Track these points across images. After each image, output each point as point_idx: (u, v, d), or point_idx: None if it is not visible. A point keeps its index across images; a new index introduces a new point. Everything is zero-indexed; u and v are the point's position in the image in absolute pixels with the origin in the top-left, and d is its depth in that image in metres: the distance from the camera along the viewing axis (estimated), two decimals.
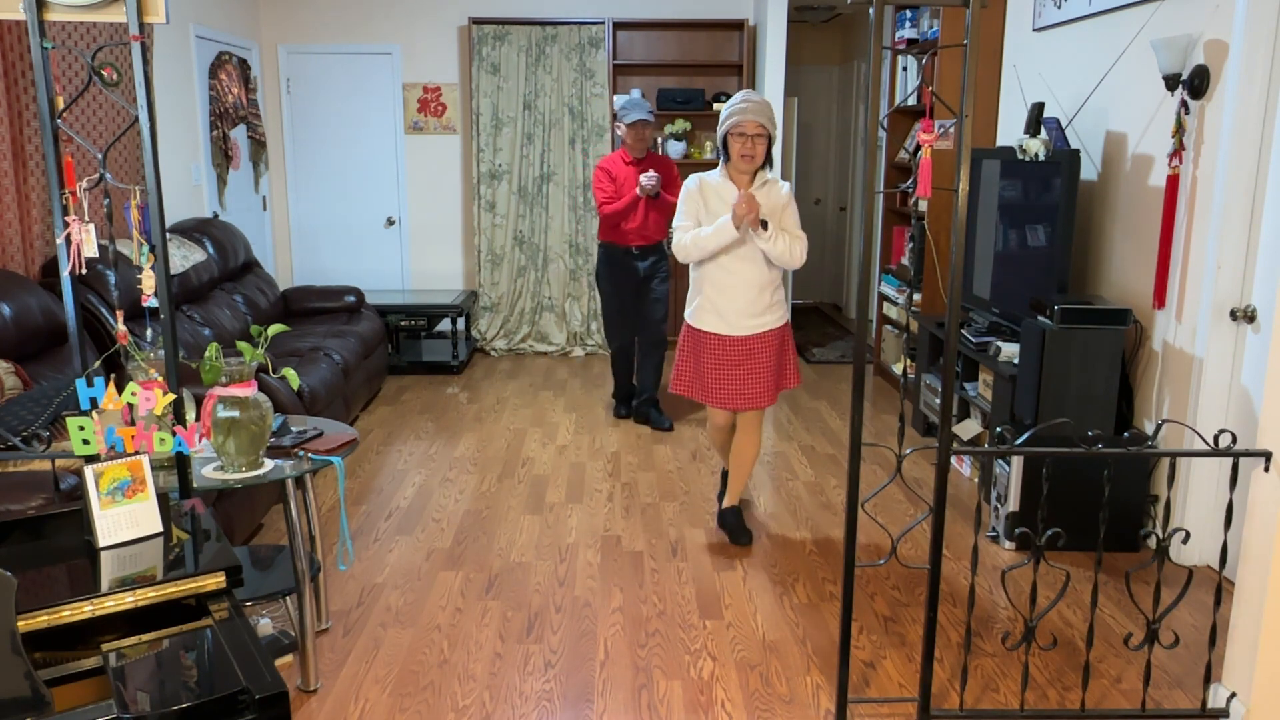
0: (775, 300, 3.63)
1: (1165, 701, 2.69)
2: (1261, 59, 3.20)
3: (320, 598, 3.07)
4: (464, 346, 6.74)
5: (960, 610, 3.22)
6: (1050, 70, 4.54)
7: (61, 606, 1.59)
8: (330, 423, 2.96)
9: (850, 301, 8.73)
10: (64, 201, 2.03)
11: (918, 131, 2.29)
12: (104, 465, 1.86)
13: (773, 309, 3.61)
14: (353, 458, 4.74)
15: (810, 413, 5.57)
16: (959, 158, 2.23)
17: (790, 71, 8.97)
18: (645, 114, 4.86)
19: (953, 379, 2.37)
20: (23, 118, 3.90)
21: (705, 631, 3.08)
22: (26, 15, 1.98)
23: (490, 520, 3.96)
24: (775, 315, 3.62)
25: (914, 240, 2.50)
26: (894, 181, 6.41)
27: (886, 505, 4.14)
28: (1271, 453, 2.35)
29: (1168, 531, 2.42)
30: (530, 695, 2.71)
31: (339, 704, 2.67)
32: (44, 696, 1.41)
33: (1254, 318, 3.31)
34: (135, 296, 4.11)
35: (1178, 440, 3.61)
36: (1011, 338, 4.23)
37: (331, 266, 7.33)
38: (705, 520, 3.97)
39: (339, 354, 4.97)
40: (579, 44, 6.81)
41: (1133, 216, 3.88)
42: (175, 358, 2.15)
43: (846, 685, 2.53)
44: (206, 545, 1.85)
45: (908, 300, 2.46)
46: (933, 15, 5.54)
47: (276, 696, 1.48)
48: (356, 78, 7.05)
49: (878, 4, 2.14)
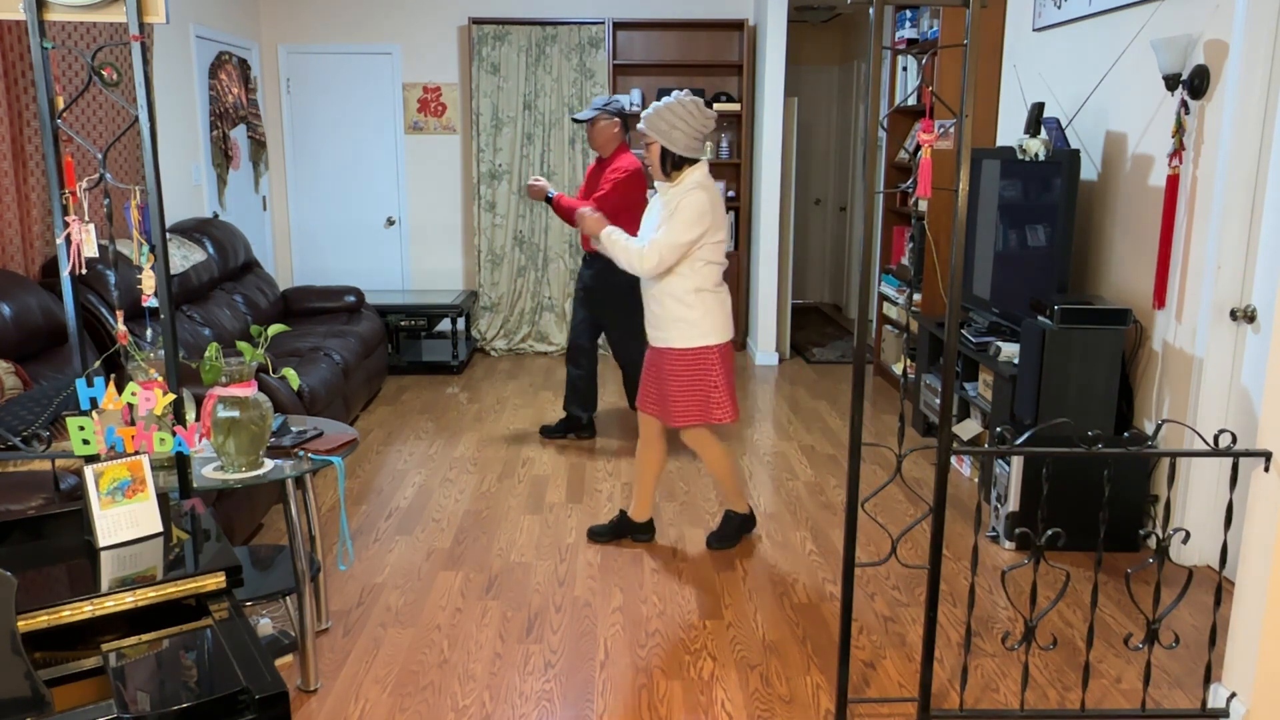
0: (658, 316, 3.47)
1: (1165, 701, 2.69)
2: (1261, 59, 3.21)
3: (320, 598, 3.07)
4: (464, 346, 6.74)
5: (960, 610, 3.22)
6: (1050, 70, 4.54)
7: (61, 606, 1.59)
8: (330, 423, 2.96)
9: (850, 301, 8.73)
10: (64, 201, 2.03)
11: (918, 131, 2.29)
12: (104, 465, 1.86)
13: (653, 326, 3.51)
14: (353, 458, 4.74)
15: (810, 413, 5.57)
16: (959, 158, 2.23)
17: (790, 71, 8.97)
18: (592, 112, 4.68)
19: (953, 379, 2.37)
20: (23, 118, 3.90)
21: (705, 631, 3.08)
22: (26, 15, 1.98)
23: (490, 520, 3.96)
24: (653, 334, 3.53)
25: (914, 240, 2.50)
26: (894, 181, 6.41)
27: (886, 505, 4.14)
28: (1271, 453, 2.35)
29: (1168, 531, 2.42)
30: (530, 695, 2.71)
31: (339, 704, 2.67)
32: (44, 696, 1.41)
33: (1254, 318, 3.31)
34: (135, 296, 4.12)
35: (1178, 440, 3.61)
36: (1011, 338, 4.23)
37: (331, 266, 7.33)
38: (705, 520, 3.97)
39: (339, 354, 4.97)
40: (579, 44, 6.81)
41: (1133, 216, 3.88)
42: (175, 358, 2.15)
43: (846, 685, 2.53)
44: (206, 545, 1.85)
45: (908, 300, 2.46)
46: (933, 15, 5.54)
47: (276, 696, 1.48)
48: (356, 78, 7.05)
49: (878, 4, 2.14)
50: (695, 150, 3.38)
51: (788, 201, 6.85)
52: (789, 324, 7.05)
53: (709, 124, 3.39)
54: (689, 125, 3.34)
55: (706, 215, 3.33)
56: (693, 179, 3.39)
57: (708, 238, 3.36)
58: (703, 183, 3.39)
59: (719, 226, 3.40)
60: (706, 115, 3.37)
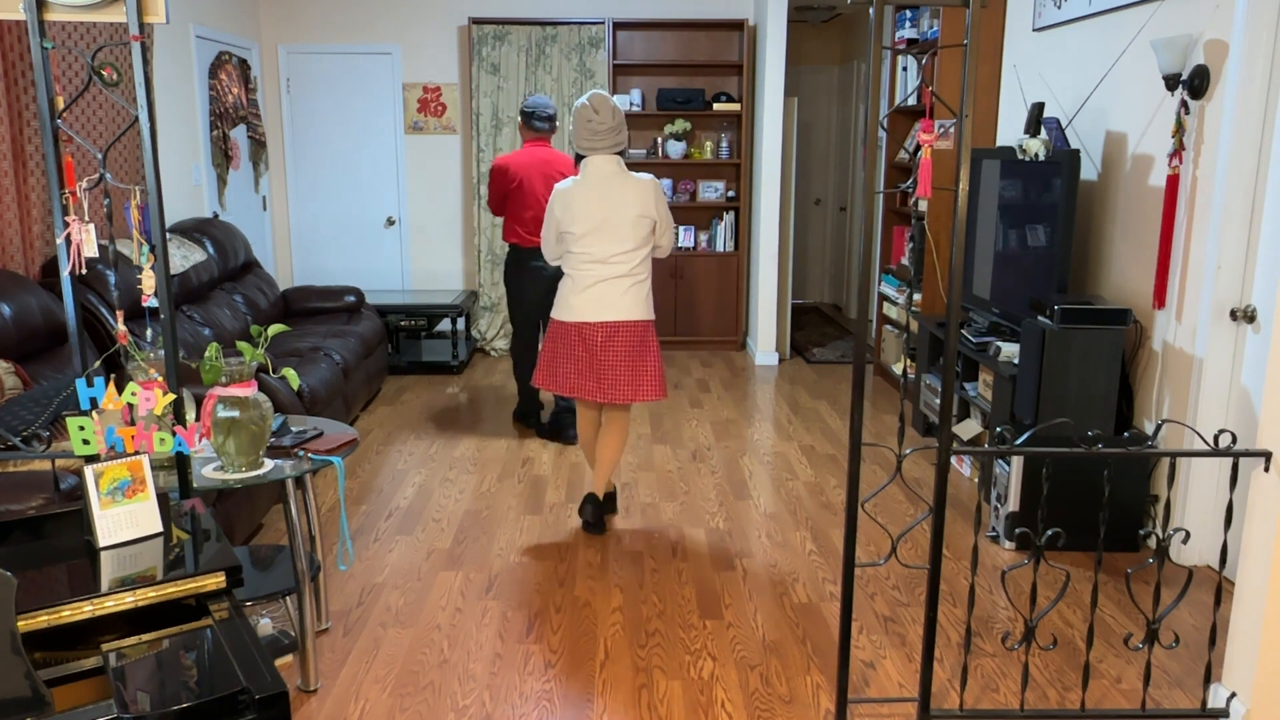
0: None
1: (1165, 701, 2.69)
2: (1261, 59, 3.21)
3: (320, 598, 3.07)
4: (464, 346, 6.74)
5: (960, 610, 3.22)
6: (1050, 70, 4.54)
7: (61, 606, 1.59)
8: (330, 423, 2.96)
9: (850, 301, 8.73)
10: (64, 201, 2.03)
11: (918, 131, 2.29)
12: (104, 465, 1.86)
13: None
14: (353, 458, 4.74)
15: (810, 413, 5.57)
16: (959, 158, 2.23)
17: (790, 71, 8.98)
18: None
19: (953, 379, 2.37)
20: (23, 118, 3.90)
21: (705, 631, 3.08)
22: (26, 15, 1.98)
23: (490, 520, 3.96)
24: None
25: (914, 240, 2.50)
26: (894, 181, 6.41)
27: (886, 505, 4.14)
28: (1271, 453, 2.35)
29: (1168, 531, 2.42)
30: (530, 695, 2.71)
31: (339, 704, 2.67)
32: (44, 696, 1.41)
33: (1254, 318, 3.31)
34: (135, 296, 4.12)
35: (1178, 440, 3.61)
36: (1011, 338, 4.23)
37: (331, 266, 7.33)
38: (705, 520, 3.97)
39: (339, 354, 4.97)
40: (579, 44, 6.81)
41: (1133, 216, 3.88)
42: (175, 358, 2.15)
43: (846, 685, 2.53)
44: (206, 545, 1.85)
45: (908, 300, 2.46)
46: (933, 15, 5.54)
47: (276, 696, 1.48)
48: (356, 78, 7.05)
49: (878, 4, 2.14)
50: (583, 149, 3.70)
51: (788, 201, 6.85)
52: (789, 324, 7.05)
53: (590, 127, 3.65)
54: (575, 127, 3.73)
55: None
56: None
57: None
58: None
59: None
60: (585, 120, 3.66)
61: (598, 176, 3.64)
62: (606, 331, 3.65)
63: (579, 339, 3.68)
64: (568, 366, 3.73)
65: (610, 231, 3.61)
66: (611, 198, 3.62)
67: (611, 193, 3.62)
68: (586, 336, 3.66)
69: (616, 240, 3.61)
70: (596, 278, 3.64)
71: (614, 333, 3.66)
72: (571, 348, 3.70)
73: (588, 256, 3.64)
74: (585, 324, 3.66)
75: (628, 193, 3.63)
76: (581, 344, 3.68)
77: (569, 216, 3.63)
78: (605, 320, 3.64)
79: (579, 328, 3.67)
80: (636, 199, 3.62)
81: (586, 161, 3.69)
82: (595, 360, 3.67)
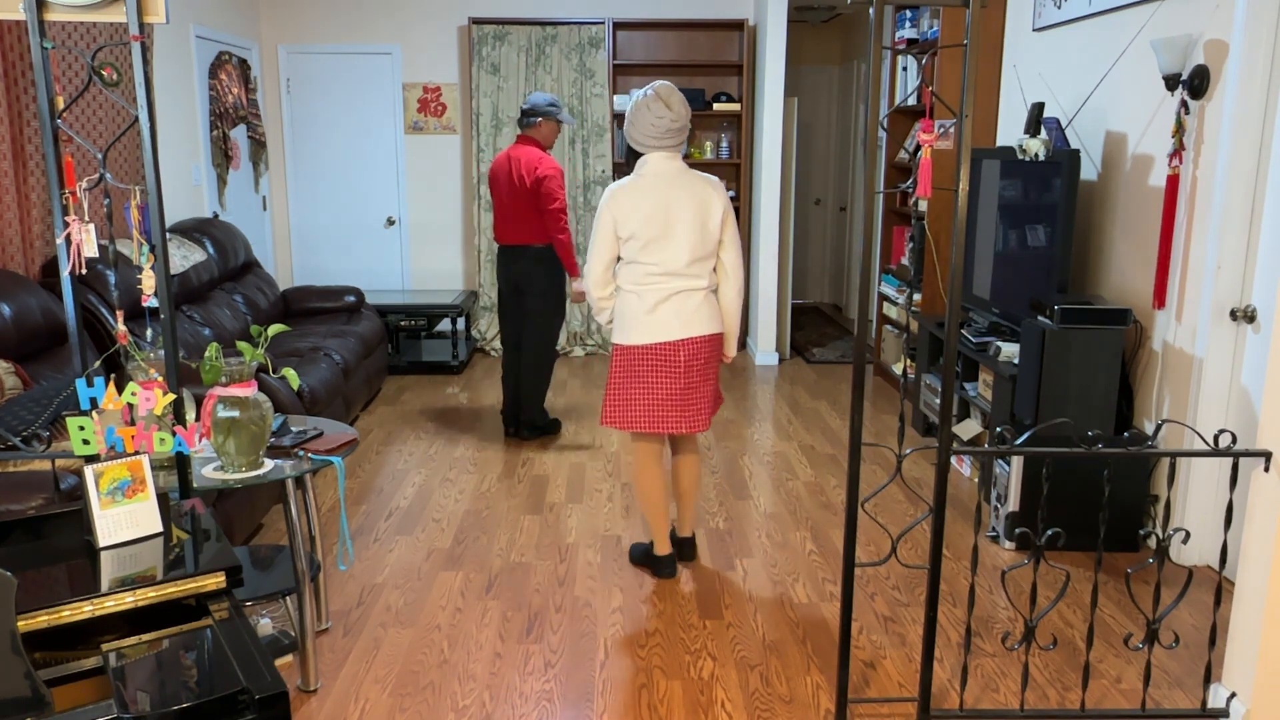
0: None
1: (1165, 701, 2.69)
2: (1261, 59, 3.21)
3: (320, 598, 3.07)
4: (464, 346, 6.74)
5: (960, 610, 3.22)
6: (1050, 70, 4.54)
7: (61, 606, 1.59)
8: (330, 423, 2.96)
9: (850, 301, 8.73)
10: (64, 201, 2.03)
11: (918, 131, 2.29)
12: (104, 465, 1.86)
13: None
14: (353, 458, 4.74)
15: (810, 413, 5.57)
16: (959, 158, 2.23)
17: (790, 71, 8.97)
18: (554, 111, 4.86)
19: (953, 379, 2.37)
20: (23, 118, 3.90)
21: (705, 631, 3.08)
22: (26, 15, 1.98)
23: (490, 520, 3.96)
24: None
25: (914, 240, 2.50)
26: (894, 181, 6.41)
27: (886, 505, 4.14)
28: (1271, 453, 2.35)
29: (1168, 531, 2.42)
30: (530, 695, 2.71)
31: (339, 704, 2.67)
32: (44, 696, 1.41)
33: (1254, 318, 3.31)
34: (135, 296, 4.12)
35: (1178, 440, 3.61)
36: (1011, 338, 4.23)
37: (331, 266, 7.33)
38: (705, 520, 3.97)
39: (339, 354, 4.97)
40: (579, 44, 6.81)
41: (1133, 216, 3.88)
42: (175, 358, 2.15)
43: (846, 685, 2.53)
44: (206, 545, 1.85)
45: (908, 300, 2.46)
46: (933, 15, 5.54)
47: (276, 696, 1.48)
48: (356, 78, 7.05)
49: (878, 4, 2.14)
50: (643, 146, 3.27)
51: (788, 201, 6.85)
52: (789, 324, 7.05)
53: (661, 124, 3.21)
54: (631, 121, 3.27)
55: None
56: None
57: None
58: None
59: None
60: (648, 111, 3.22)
61: (662, 176, 3.20)
62: (690, 350, 3.22)
63: (661, 363, 3.23)
64: (645, 398, 3.26)
65: (679, 238, 3.17)
66: (681, 199, 3.18)
67: (679, 194, 3.18)
68: (668, 358, 3.23)
69: (686, 247, 3.18)
70: (669, 291, 3.20)
71: (697, 350, 3.24)
72: (652, 374, 3.25)
73: (656, 268, 3.18)
74: (665, 344, 3.21)
75: (697, 193, 3.19)
76: (665, 369, 3.24)
77: (627, 222, 3.17)
78: (689, 337, 3.21)
79: (657, 350, 3.22)
80: (712, 200, 3.21)
81: (644, 159, 3.24)
82: (679, 385, 3.25)
